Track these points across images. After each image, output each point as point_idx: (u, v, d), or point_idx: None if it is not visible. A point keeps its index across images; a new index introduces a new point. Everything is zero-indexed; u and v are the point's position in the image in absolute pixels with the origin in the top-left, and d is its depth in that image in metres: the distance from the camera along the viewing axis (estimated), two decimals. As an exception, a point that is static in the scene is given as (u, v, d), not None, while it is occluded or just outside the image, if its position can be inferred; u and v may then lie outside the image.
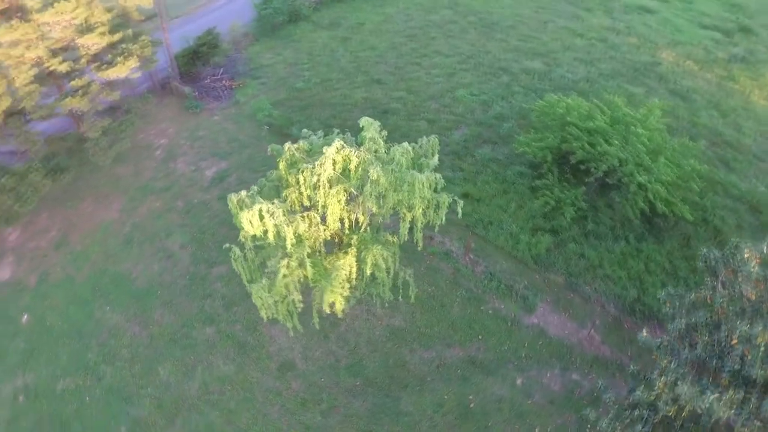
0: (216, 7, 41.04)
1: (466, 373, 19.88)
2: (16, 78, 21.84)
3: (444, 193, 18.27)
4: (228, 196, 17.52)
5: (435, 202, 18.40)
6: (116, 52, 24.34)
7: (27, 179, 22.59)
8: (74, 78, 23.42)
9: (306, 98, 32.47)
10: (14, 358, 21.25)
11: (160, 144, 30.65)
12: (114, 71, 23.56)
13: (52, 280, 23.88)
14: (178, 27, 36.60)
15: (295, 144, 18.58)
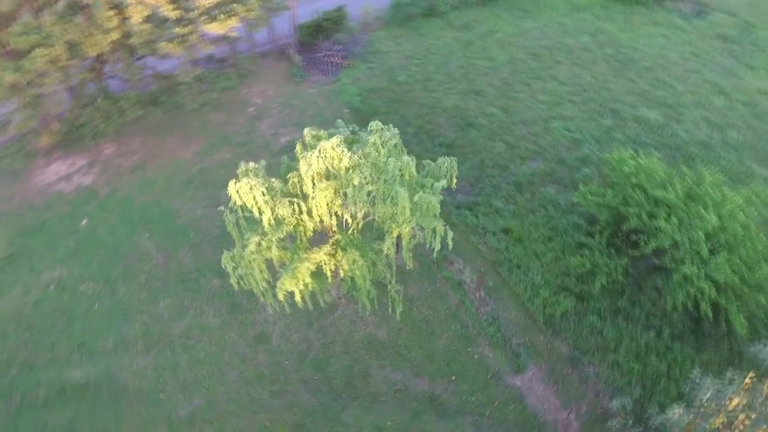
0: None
1: (421, 409, 18.86)
2: (132, 15, 24.58)
3: (440, 221, 17.25)
4: (240, 164, 18.33)
5: (432, 227, 17.47)
6: (224, 10, 26.26)
7: (118, 104, 25.54)
8: (181, 26, 25.72)
9: (401, 92, 32.36)
10: (61, 253, 24.42)
11: (256, 103, 32.65)
12: (214, 26, 25.51)
13: (117, 197, 26.89)
14: (315, 1, 38.37)
15: (314, 131, 18.86)
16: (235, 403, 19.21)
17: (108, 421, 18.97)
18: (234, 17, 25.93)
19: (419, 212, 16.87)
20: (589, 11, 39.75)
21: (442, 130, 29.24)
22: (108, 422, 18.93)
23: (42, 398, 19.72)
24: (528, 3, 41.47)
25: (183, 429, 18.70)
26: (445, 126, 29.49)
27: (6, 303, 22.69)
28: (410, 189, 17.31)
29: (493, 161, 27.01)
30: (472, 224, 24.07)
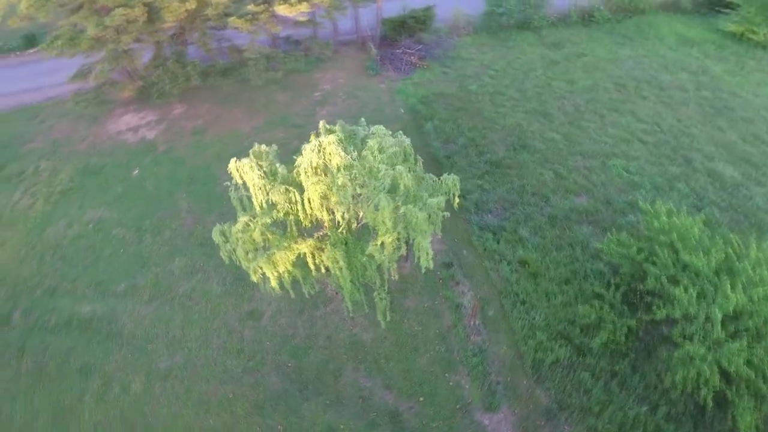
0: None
1: (379, 421, 18.51)
2: (211, -13, 26.04)
3: (427, 239, 16.75)
4: (254, 144, 18.89)
5: (419, 243, 17.00)
6: None
7: (185, 69, 27.20)
8: (255, 4, 26.82)
9: (466, 101, 31.58)
10: (109, 196, 26.58)
11: (324, 88, 33.33)
12: (284, 8, 26.31)
13: (172, 155, 28.74)
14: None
15: (329, 125, 18.96)
16: (208, 369, 19.98)
17: (97, 357, 20.49)
18: (305, 2, 26.57)
19: (404, 225, 16.44)
20: (698, 47, 36.29)
21: (494, 146, 28.20)
22: (97, 358, 20.46)
23: (52, 323, 21.70)
24: (633, 30, 38.65)
25: (157, 381, 19.77)
26: (498, 143, 28.40)
27: (51, 231, 25.13)
28: (405, 200, 16.96)
29: (535, 189, 25.63)
30: (490, 249, 23.07)
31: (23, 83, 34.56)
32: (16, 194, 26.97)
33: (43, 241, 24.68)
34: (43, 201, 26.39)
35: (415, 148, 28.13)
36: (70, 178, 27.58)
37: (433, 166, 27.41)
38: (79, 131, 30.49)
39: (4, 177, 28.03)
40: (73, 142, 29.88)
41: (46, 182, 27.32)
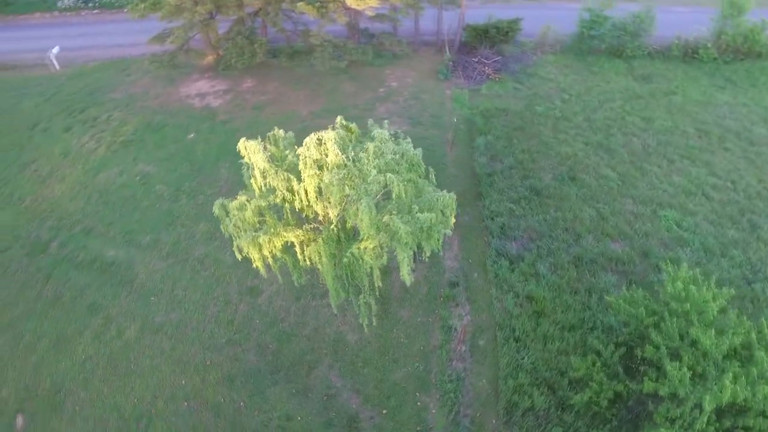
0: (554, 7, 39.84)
1: (335, 421, 18.40)
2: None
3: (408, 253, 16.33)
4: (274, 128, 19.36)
5: (402, 255, 16.63)
6: None
7: (252, 46, 28.27)
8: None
9: (527, 121, 30.26)
10: (161, 154, 28.35)
11: (390, 85, 33.31)
12: (352, 0, 26.50)
13: (227, 125, 30.07)
14: (492, 5, 37.34)
15: (346, 121, 18.92)
16: (196, 333, 20.83)
17: (106, 298, 22.03)
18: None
19: (386, 234, 16.13)
20: (817, 102, 32.28)
21: (540, 172, 26.85)
22: (105, 300, 22.00)
23: (79, 260, 23.58)
24: (740, 74, 35.04)
25: (149, 332, 20.92)
26: (546, 170, 26.99)
27: (103, 176, 27.25)
28: (397, 209, 16.63)
29: (570, 224, 24.12)
30: (501, 277, 22.05)
31: (125, 38, 37.60)
32: (86, 137, 29.49)
33: (94, 184, 26.83)
34: (105, 147, 28.65)
35: (461, 160, 27.90)
36: (134, 130, 29.70)
37: (472, 181, 26.67)
38: (155, 89, 32.72)
39: (82, 119, 30.73)
40: (147, 98, 32.13)
41: (112, 131, 29.62)
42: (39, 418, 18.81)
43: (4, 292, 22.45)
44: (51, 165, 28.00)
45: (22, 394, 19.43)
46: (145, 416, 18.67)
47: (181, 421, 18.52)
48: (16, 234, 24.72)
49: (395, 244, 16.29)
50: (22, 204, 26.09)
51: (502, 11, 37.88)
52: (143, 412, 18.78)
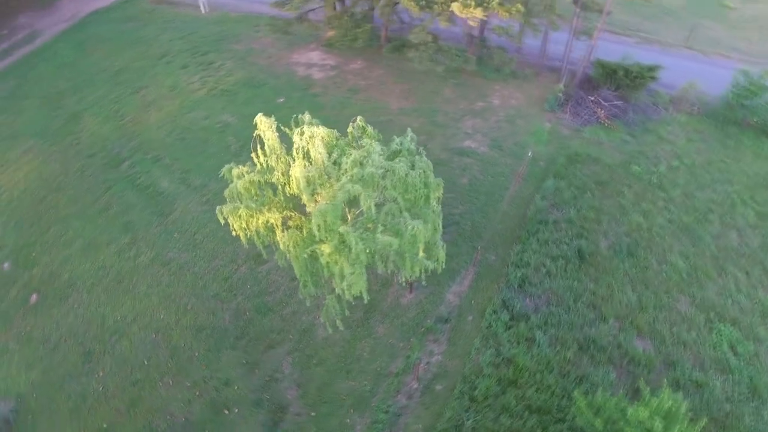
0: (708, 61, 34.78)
1: (264, 403, 18.73)
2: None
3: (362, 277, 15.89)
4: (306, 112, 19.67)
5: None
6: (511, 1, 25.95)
7: (354, 30, 28.75)
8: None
9: (614, 180, 27.04)
10: (247, 110, 30.11)
11: (491, 102, 31.81)
12: (456, 6, 25.61)
13: (316, 99, 31.09)
14: (644, 48, 33.58)
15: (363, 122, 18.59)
16: (193, 278, 22.34)
17: (141, 223, 24.43)
18: (480, 8, 25.40)
19: (342, 244, 15.79)
20: None
21: (597, 236, 24.06)
22: (140, 223, 24.39)
23: (138, 182, 26.42)
24: None
25: (158, 264, 22.87)
26: (606, 236, 24.09)
27: (192, 116, 29.92)
28: (362, 222, 16.23)
29: (600, 302, 21.42)
30: (493, 329, 20.42)
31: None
32: (195, 77, 32.49)
33: (181, 120, 29.57)
34: (206, 91, 31.33)
35: (521, 197, 26.20)
36: (236, 82, 32.02)
37: (519, 223, 24.79)
38: (271, 49, 34.82)
39: (199, 61, 33.85)
40: (260, 56, 34.34)
41: (218, 78, 32.24)
42: (47, 301, 21.70)
43: (74, 190, 25.92)
44: (157, 94, 31.37)
45: (45, 278, 22.50)
46: (119, 334, 20.62)
47: (142, 348, 20.16)
48: (105, 145, 28.27)
49: (351, 257, 15.89)
50: (122, 121, 29.69)
51: (645, 52, 34.07)
52: (119, 329, 20.75)
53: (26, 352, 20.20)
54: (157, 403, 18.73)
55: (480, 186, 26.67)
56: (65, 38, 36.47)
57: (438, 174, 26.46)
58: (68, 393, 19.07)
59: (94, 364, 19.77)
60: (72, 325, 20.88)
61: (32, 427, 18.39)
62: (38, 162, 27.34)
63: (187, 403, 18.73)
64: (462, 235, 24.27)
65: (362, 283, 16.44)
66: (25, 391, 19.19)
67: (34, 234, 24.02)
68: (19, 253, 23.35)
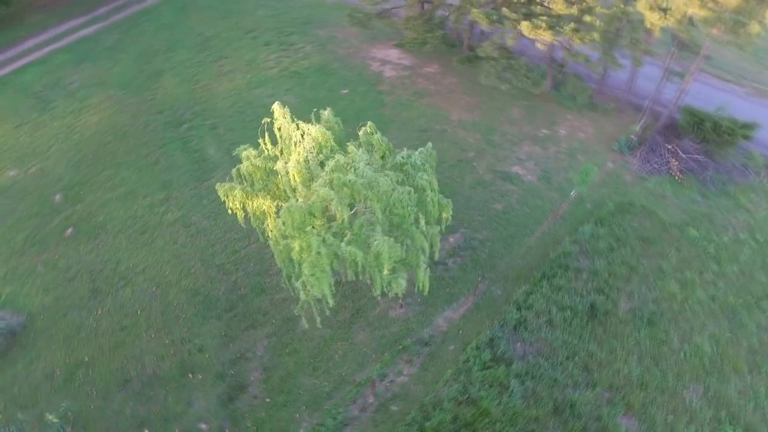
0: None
1: (228, 380, 19.33)
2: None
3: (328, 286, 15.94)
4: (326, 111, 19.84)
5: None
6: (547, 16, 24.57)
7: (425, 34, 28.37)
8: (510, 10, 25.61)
9: (664, 241, 24.53)
10: (309, 94, 30.96)
11: (557, 131, 30.21)
12: (525, 27, 24.40)
13: (378, 96, 31.26)
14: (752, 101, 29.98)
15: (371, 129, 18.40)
16: (205, 244, 23.54)
17: (178, 183, 25.99)
18: (550, 31, 23.96)
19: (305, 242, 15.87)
20: None
21: (620, 295, 22.04)
22: (177, 183, 25.97)
23: (189, 146, 28.25)
24: None
25: (180, 224, 24.31)
26: (630, 296, 22.04)
27: (257, 92, 31.25)
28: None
29: (595, 366, 19.66)
30: (470, 365, 19.53)
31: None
32: (273, 56, 33.81)
33: (246, 95, 30.97)
34: (278, 71, 32.52)
35: (551, 235, 24.98)
36: (308, 66, 32.90)
37: (540, 262, 23.38)
38: (352, 40, 35.31)
39: (281, 41, 35.17)
40: (340, 45, 34.95)
41: (293, 60, 33.31)
42: (78, 236, 23.90)
43: (134, 141, 28.19)
44: (234, 66, 33.04)
45: (83, 216, 24.76)
46: (126, 280, 22.27)
47: (140, 298, 21.63)
48: (173, 105, 30.36)
49: (311, 259, 15.93)
50: (195, 86, 31.68)
51: (753, 106, 30.49)
52: (127, 276, 22.41)
53: (48, 278, 22.41)
54: (135, 352, 20.05)
55: (513, 215, 25.45)
56: (171, 1, 39.43)
57: (474, 196, 26.17)
58: (68, 322, 20.94)
59: (96, 302, 21.52)
60: (91, 262, 22.83)
61: (32, 344, 20.44)
62: (113, 110, 29.99)
63: (160, 359, 19.85)
64: (475, 262, 23.36)
65: (325, 286, 16.46)
66: (36, 311, 21.34)
67: (89, 174, 26.45)
68: (71, 188, 25.85)
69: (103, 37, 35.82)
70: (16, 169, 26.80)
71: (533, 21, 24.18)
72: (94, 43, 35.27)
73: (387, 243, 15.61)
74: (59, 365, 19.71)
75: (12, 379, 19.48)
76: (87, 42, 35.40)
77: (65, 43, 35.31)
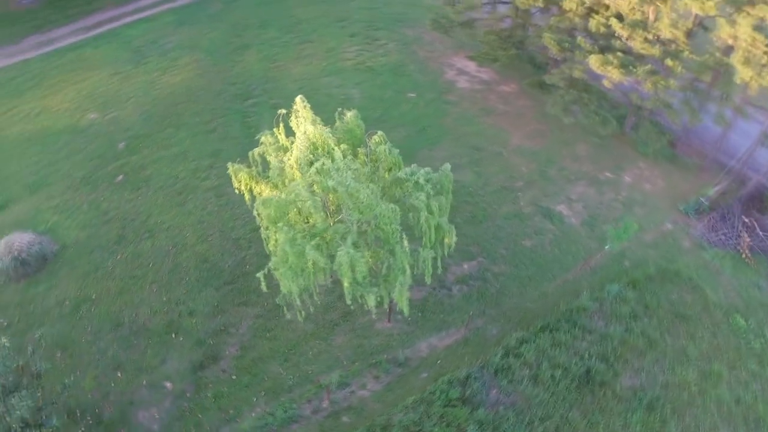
0: None
1: (204, 346, 20.23)
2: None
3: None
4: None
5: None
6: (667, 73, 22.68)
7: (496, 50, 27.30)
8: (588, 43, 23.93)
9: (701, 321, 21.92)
10: (377, 92, 31.13)
11: (622, 177, 27.86)
12: (595, 61, 22.66)
13: (444, 105, 30.67)
14: None
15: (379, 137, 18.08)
16: (229, 216, 24.75)
17: (225, 154, 27.31)
18: (621, 69, 21.99)
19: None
20: None
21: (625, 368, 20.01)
22: (223, 154, 27.30)
23: (246, 120, 29.37)
24: None
25: (213, 194, 25.62)
26: (637, 372, 20.03)
27: (326, 81, 32.01)
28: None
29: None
30: (432, 400, 18.72)
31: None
32: (353, 48, 34.33)
33: (316, 81, 31.72)
34: (354, 63, 33.07)
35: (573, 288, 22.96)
36: (384, 64, 32.97)
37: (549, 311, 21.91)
38: (436, 45, 34.84)
39: (367, 35, 35.56)
40: (423, 47, 34.64)
41: (372, 56, 33.60)
42: (125, 185, 26.02)
43: (202, 106, 30.07)
44: (313, 51, 33.89)
45: (135, 167, 26.86)
46: (150, 233, 23.99)
47: (156, 253, 23.23)
48: (246, 79, 31.88)
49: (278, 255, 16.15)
50: (272, 65, 32.98)
51: None
52: (152, 230, 24.09)
53: (88, 216, 24.65)
54: (134, 300, 21.59)
55: (540, 256, 24.01)
56: (278, -20, 41.14)
57: (507, 226, 25.11)
58: (91, 260, 22.97)
59: (119, 248, 23.37)
60: (127, 211, 24.77)
61: (56, 271, 22.68)
62: (194, 74, 32.07)
63: (153, 313, 21.21)
64: (481, 294, 22.41)
65: (292, 284, 16.59)
66: (69, 243, 23.62)
67: (153, 129, 28.60)
68: (135, 139, 28.11)
69: (208, 5, 38.29)
70: (97, 113, 29.62)
71: (605, 55, 22.35)
72: (198, 10, 37.82)
73: (349, 256, 15.38)
74: (70, 296, 21.72)
75: (32, 298, 21.78)
76: (193, 7, 38.04)
77: (176, 5, 38.21)
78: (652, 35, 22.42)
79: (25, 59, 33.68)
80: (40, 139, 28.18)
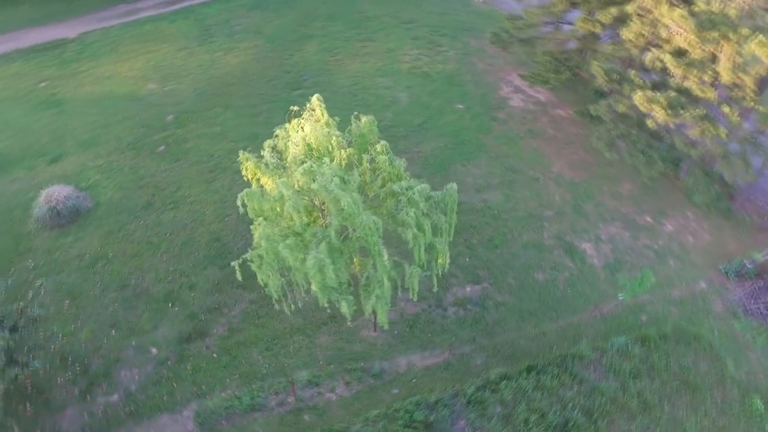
0: None
1: (196, 319, 21.06)
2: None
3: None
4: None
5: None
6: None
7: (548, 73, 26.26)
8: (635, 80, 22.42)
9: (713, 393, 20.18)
10: (425, 99, 30.79)
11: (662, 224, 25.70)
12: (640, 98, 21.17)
13: (490, 122, 29.83)
14: None
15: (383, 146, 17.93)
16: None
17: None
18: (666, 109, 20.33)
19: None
20: None
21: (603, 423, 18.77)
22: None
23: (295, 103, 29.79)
24: None
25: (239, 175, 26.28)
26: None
27: (377, 81, 31.94)
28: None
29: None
30: (395, 418, 18.47)
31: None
32: (413, 51, 34.05)
33: (367, 80, 31.85)
34: (409, 66, 32.83)
35: (576, 331, 21.80)
36: (441, 71, 32.58)
37: (537, 352, 20.97)
38: (498, 58, 33.89)
39: (429, 39, 35.27)
40: (484, 59, 33.85)
41: (431, 61, 33.32)
42: (165, 156, 27.50)
43: (252, 90, 31.09)
44: (373, 50, 33.98)
45: (181, 140, 28.27)
46: (175, 204, 25.26)
47: (175, 224, 24.41)
48: (302, 69, 32.58)
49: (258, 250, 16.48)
50: (329, 58, 33.46)
51: None
52: (178, 202, 25.35)
53: (126, 179, 26.27)
54: (144, 265, 22.81)
55: (549, 292, 22.94)
56: (355, -25, 41.51)
57: (522, 255, 24.37)
58: (117, 220, 24.51)
59: (144, 213, 24.76)
60: (160, 180, 26.16)
61: (85, 226, 24.39)
62: (252, 58, 33.18)
63: (158, 280, 22.33)
64: (476, 321, 21.76)
65: (268, 279, 16.89)
66: (103, 202, 25.31)
67: (202, 106, 29.95)
68: (183, 113, 29.57)
69: (283, -8, 39.55)
70: (157, 84, 31.42)
71: (653, 93, 20.82)
72: (273, -6, 39.16)
73: (317, 260, 15.42)
74: (91, 251, 23.29)
75: (59, 247, 23.59)
76: (268, -9, 39.44)
77: (252, -12, 39.82)
78: (709, 76, 20.62)
79: (110, 25, 36.29)
80: (102, 101, 30.33)
